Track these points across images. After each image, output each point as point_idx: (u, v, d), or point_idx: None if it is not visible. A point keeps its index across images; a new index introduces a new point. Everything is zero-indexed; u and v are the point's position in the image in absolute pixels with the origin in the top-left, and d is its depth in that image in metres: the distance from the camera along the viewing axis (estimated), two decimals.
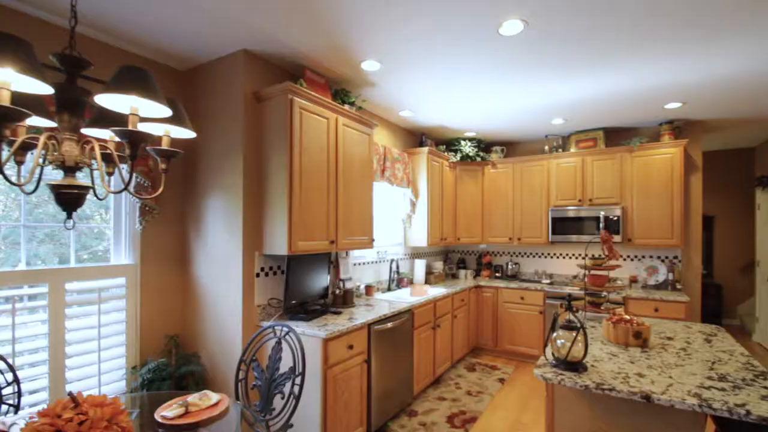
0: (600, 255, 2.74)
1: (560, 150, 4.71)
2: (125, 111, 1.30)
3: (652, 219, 4.12)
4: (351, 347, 2.57)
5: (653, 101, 3.64)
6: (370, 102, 3.64)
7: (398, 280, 4.19)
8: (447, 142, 5.11)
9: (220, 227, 2.72)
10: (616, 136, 4.60)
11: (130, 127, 1.28)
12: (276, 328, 2.14)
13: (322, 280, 3.04)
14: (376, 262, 3.99)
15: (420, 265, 4.42)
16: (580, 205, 4.48)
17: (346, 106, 3.07)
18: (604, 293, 2.80)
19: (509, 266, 4.99)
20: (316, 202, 2.76)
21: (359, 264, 3.75)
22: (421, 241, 4.33)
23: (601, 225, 4.26)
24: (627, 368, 1.79)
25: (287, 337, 2.06)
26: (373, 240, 3.35)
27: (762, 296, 5.12)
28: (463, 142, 4.90)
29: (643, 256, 4.44)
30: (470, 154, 4.88)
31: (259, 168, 2.71)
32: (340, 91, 3.15)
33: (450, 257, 5.54)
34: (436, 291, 4.04)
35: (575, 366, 1.74)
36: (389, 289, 3.96)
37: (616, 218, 4.22)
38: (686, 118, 4.13)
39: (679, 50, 2.63)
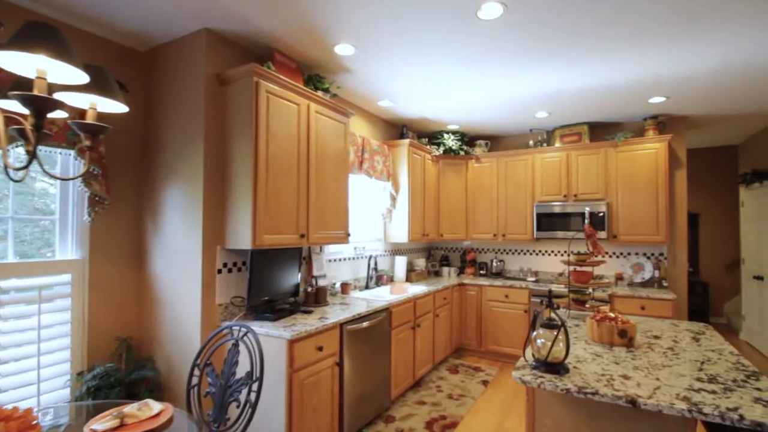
0: (584, 251, 2.62)
1: (545, 144, 4.60)
2: (32, 75, 1.11)
3: (638, 215, 4.02)
4: (320, 349, 2.39)
5: (637, 95, 3.54)
6: (347, 90, 3.46)
7: (377, 278, 4.02)
8: (429, 135, 4.96)
9: (179, 219, 2.51)
10: (600, 131, 4.50)
11: (35, 92, 1.09)
12: (233, 328, 1.95)
13: (292, 277, 2.86)
14: (354, 258, 3.81)
15: (401, 262, 4.26)
16: (565, 200, 4.36)
17: (320, 93, 2.89)
18: (589, 290, 2.68)
19: (494, 263, 4.86)
20: (285, 194, 2.58)
21: (335, 260, 3.56)
22: (401, 237, 4.17)
23: (587, 221, 4.16)
24: (612, 369, 1.65)
25: (245, 338, 1.87)
26: (348, 235, 3.18)
27: (748, 294, 5.08)
28: (446, 136, 4.75)
29: (629, 253, 4.35)
30: (453, 147, 4.74)
31: (222, 156, 2.51)
32: (314, 77, 2.97)
33: (433, 254, 5.39)
34: (417, 289, 3.88)
35: (556, 368, 1.59)
36: (367, 287, 3.79)
37: (601, 214, 4.12)
38: (670, 113, 4.05)
39: (662, 41, 2.52)
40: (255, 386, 1.69)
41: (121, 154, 2.59)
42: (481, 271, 4.97)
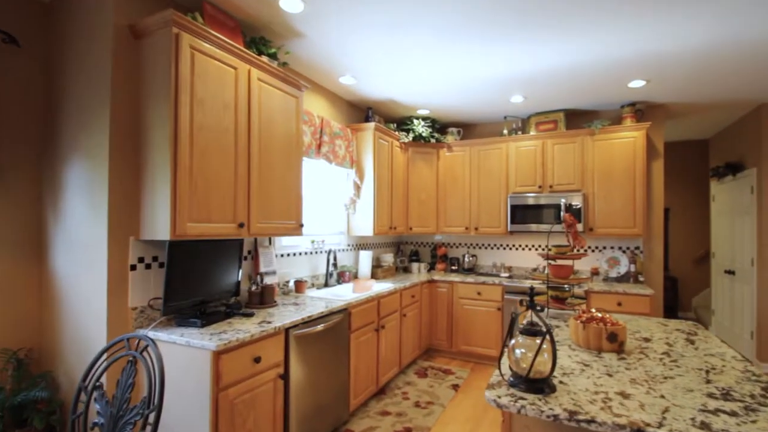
0: (564, 244, 2.35)
1: (520, 132, 4.33)
2: None
3: (614, 207, 3.82)
4: (258, 360, 1.98)
5: (617, 78, 3.30)
6: (300, 60, 3.05)
7: (339, 275, 3.63)
8: (398, 121, 4.60)
9: (81, 203, 2.04)
10: (576, 119, 4.28)
11: None
12: (131, 339, 1.52)
13: (230, 273, 2.43)
14: (312, 253, 3.40)
15: (365, 258, 3.88)
16: (540, 192, 4.11)
17: (265, 58, 2.46)
18: (568, 286, 2.39)
19: (466, 259, 4.57)
20: (219, 175, 2.15)
21: (288, 255, 3.15)
22: (366, 230, 3.79)
23: (563, 213, 3.91)
24: (606, 384, 1.33)
25: (145, 353, 1.44)
26: (301, 226, 2.77)
27: (718, 288, 5.02)
28: (415, 121, 4.40)
29: (604, 247, 4.14)
30: (424, 134, 4.40)
31: (136, 125, 2.06)
32: (258, 40, 2.54)
33: (402, 249, 5.05)
34: (383, 286, 3.52)
35: (539, 385, 1.26)
36: (326, 285, 3.40)
37: (577, 206, 3.89)
38: (649, 100, 3.86)
39: (643, 15, 2.26)
40: (152, 417, 1.28)
41: (17, 121, 2.08)
42: (453, 267, 4.67)
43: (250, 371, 1.95)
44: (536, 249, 4.43)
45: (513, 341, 1.35)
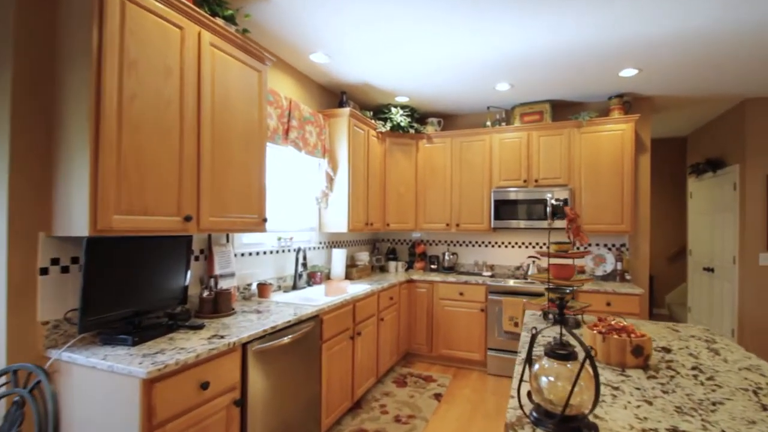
0: (564, 240, 2.10)
1: (503, 124, 4.09)
2: None
3: (602, 202, 3.64)
4: (206, 386, 1.59)
5: (609, 65, 3.11)
6: (264, 29, 2.65)
7: (309, 276, 3.26)
8: (374, 109, 4.26)
9: None
10: (563, 111, 4.09)
11: None
12: (19, 371, 1.11)
13: (174, 277, 2.01)
14: (278, 252, 3.01)
15: (339, 256, 3.52)
16: (525, 186, 3.89)
17: (220, 21, 2.06)
18: (569, 289, 2.13)
19: (446, 257, 4.29)
20: (158, 156, 1.74)
21: (250, 254, 2.75)
22: (340, 227, 3.44)
23: (549, 209, 3.70)
24: (650, 417, 1.05)
25: (37, 390, 1.04)
26: (265, 220, 2.38)
27: (694, 286, 4.99)
28: (393, 110, 4.08)
29: (590, 244, 3.98)
30: (402, 124, 4.09)
31: (49, 95, 1.62)
32: None
33: (378, 247, 4.72)
34: (358, 288, 3.18)
35: (576, 425, 0.96)
36: (295, 288, 3.01)
37: (564, 201, 3.69)
38: (637, 92, 3.71)
39: None
40: None
41: None
42: (432, 266, 4.38)
43: (196, 400, 1.56)
44: (520, 247, 4.21)
45: (536, 367, 1.05)
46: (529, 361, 1.10)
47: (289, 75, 3.19)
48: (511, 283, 3.66)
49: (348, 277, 3.68)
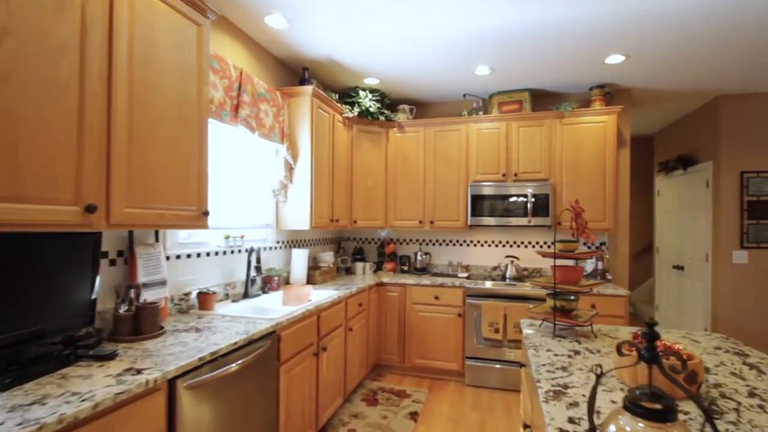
0: (570, 239, 1.79)
1: (481, 113, 3.80)
2: None
3: (584, 198, 3.44)
4: None
5: (595, 50, 2.88)
6: None
7: (264, 281, 2.78)
8: (341, 92, 3.83)
9: None
10: (542, 101, 3.86)
11: None
12: None
13: (76, 288, 1.49)
14: (225, 253, 2.51)
15: (300, 258, 3.06)
16: (504, 180, 3.61)
17: None
18: (573, 296, 1.83)
19: (418, 257, 3.94)
20: (43, 120, 1.22)
21: (189, 257, 2.24)
22: (301, 223, 2.98)
23: (529, 205, 3.45)
24: None
25: None
26: (205, 214, 1.89)
27: (662, 283, 4.99)
28: (362, 93, 3.66)
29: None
30: (372, 109, 3.68)
31: None
32: None
33: (344, 246, 4.29)
34: (323, 294, 2.74)
35: None
36: (246, 296, 2.52)
37: (544, 197, 3.44)
38: (618, 83, 3.54)
39: None
40: None
41: None
42: (403, 267, 4.02)
43: None
44: (497, 245, 3.94)
45: (611, 428, 0.68)
46: (591, 421, 0.73)
47: (239, 42, 2.69)
48: (489, 285, 3.36)
49: (310, 281, 3.22)
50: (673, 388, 1.12)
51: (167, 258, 2.08)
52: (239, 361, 1.68)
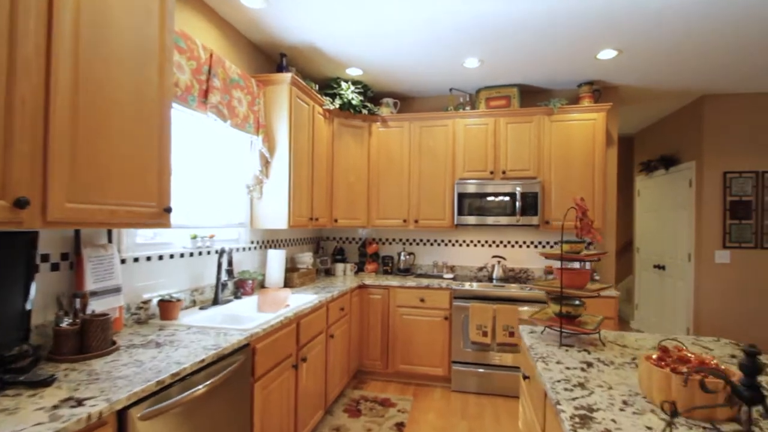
0: (576, 239, 1.65)
1: (468, 108, 3.66)
2: None
3: (573, 197, 3.35)
4: None
5: (588, 44, 2.79)
6: None
7: (237, 285, 2.53)
8: (321, 82, 3.60)
9: None
10: (530, 98, 3.76)
11: None
12: None
13: (8, 298, 1.23)
14: (193, 254, 2.25)
15: (276, 259, 2.83)
16: (491, 178, 3.49)
17: None
18: (579, 301, 1.69)
19: (402, 257, 3.77)
20: None
21: (149, 259, 1.97)
22: (278, 222, 2.74)
23: (518, 203, 3.33)
24: None
25: None
26: (167, 210, 1.64)
27: (642, 283, 5.01)
28: (344, 85, 3.45)
29: (556, 242, 3.69)
30: (354, 102, 3.47)
31: None
32: None
33: (324, 246, 4.06)
34: (303, 299, 2.52)
35: None
36: (216, 302, 2.27)
37: (533, 196, 3.34)
38: (606, 81, 3.48)
39: None
40: None
41: None
42: (386, 267, 3.83)
43: None
44: (483, 245, 3.82)
45: None
46: None
47: (210, 22, 2.43)
48: (477, 286, 3.22)
49: (288, 284, 2.99)
50: (713, 410, 0.98)
51: (123, 261, 1.82)
52: (207, 382, 1.45)
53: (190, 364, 1.38)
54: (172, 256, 2.10)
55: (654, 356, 1.18)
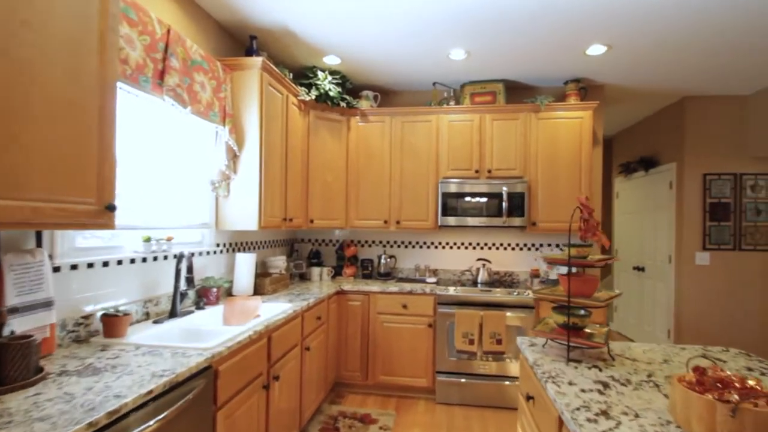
0: (581, 242, 1.49)
1: (453, 103, 3.49)
2: None
3: (559, 198, 3.25)
4: None
5: (578, 38, 2.69)
6: None
7: (200, 294, 2.25)
8: (296, 71, 3.35)
9: None
10: (516, 95, 3.63)
11: None
12: None
13: None
14: (146, 260, 1.96)
15: (245, 264, 2.56)
16: (477, 177, 3.33)
17: None
18: (584, 311, 1.53)
19: (382, 260, 3.56)
20: None
21: (92, 266, 1.68)
22: (248, 222, 2.47)
23: (504, 204, 3.19)
24: None
25: None
26: (110, 208, 1.36)
27: (621, 284, 5.01)
28: (320, 74, 3.21)
29: (541, 245, 3.58)
30: (331, 93, 3.24)
31: None
32: None
33: (298, 249, 3.80)
34: (275, 308, 2.27)
35: None
36: (174, 315, 1.98)
37: (520, 196, 3.21)
38: (593, 79, 3.40)
39: None
40: None
41: None
42: (365, 271, 3.61)
43: None
44: (467, 248, 3.66)
45: None
46: None
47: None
48: (463, 291, 3.05)
49: (259, 291, 2.72)
50: None
51: (57, 269, 1.52)
52: (158, 417, 1.19)
53: (133, 398, 1.11)
54: (120, 262, 1.80)
55: (687, 377, 1.02)
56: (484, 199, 3.23)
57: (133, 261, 1.87)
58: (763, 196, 3.70)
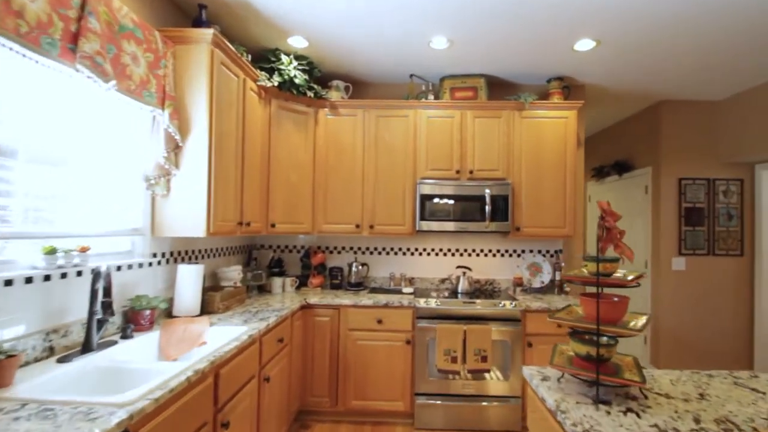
0: (607, 257, 1.22)
1: (432, 97, 3.20)
2: None
3: (544, 201, 3.05)
4: None
5: (567, 30, 2.50)
6: None
7: (128, 318, 1.80)
8: (256, 53, 2.92)
9: None
10: (498, 91, 3.40)
11: None
12: None
13: None
14: (49, 277, 1.49)
15: (190, 277, 2.11)
16: (457, 178, 3.07)
17: None
18: (607, 338, 1.26)
19: (353, 269, 3.20)
20: None
21: None
22: (193, 228, 2.04)
23: (488, 207, 2.93)
24: None
25: None
26: None
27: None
28: (285, 59, 2.82)
29: (523, 251, 3.37)
30: (297, 81, 2.85)
31: None
32: None
33: (257, 257, 3.35)
34: (226, 333, 1.85)
35: None
36: (89, 348, 1.52)
37: (504, 199, 2.97)
38: (575, 77, 3.24)
39: None
40: None
41: None
42: (334, 281, 3.24)
43: None
44: (446, 254, 3.38)
45: None
46: None
47: None
48: (441, 303, 2.76)
49: (207, 309, 2.28)
50: None
51: None
52: None
53: None
54: (9, 283, 1.34)
55: None
56: (466, 202, 2.97)
57: (29, 280, 1.41)
58: (735, 202, 3.70)
